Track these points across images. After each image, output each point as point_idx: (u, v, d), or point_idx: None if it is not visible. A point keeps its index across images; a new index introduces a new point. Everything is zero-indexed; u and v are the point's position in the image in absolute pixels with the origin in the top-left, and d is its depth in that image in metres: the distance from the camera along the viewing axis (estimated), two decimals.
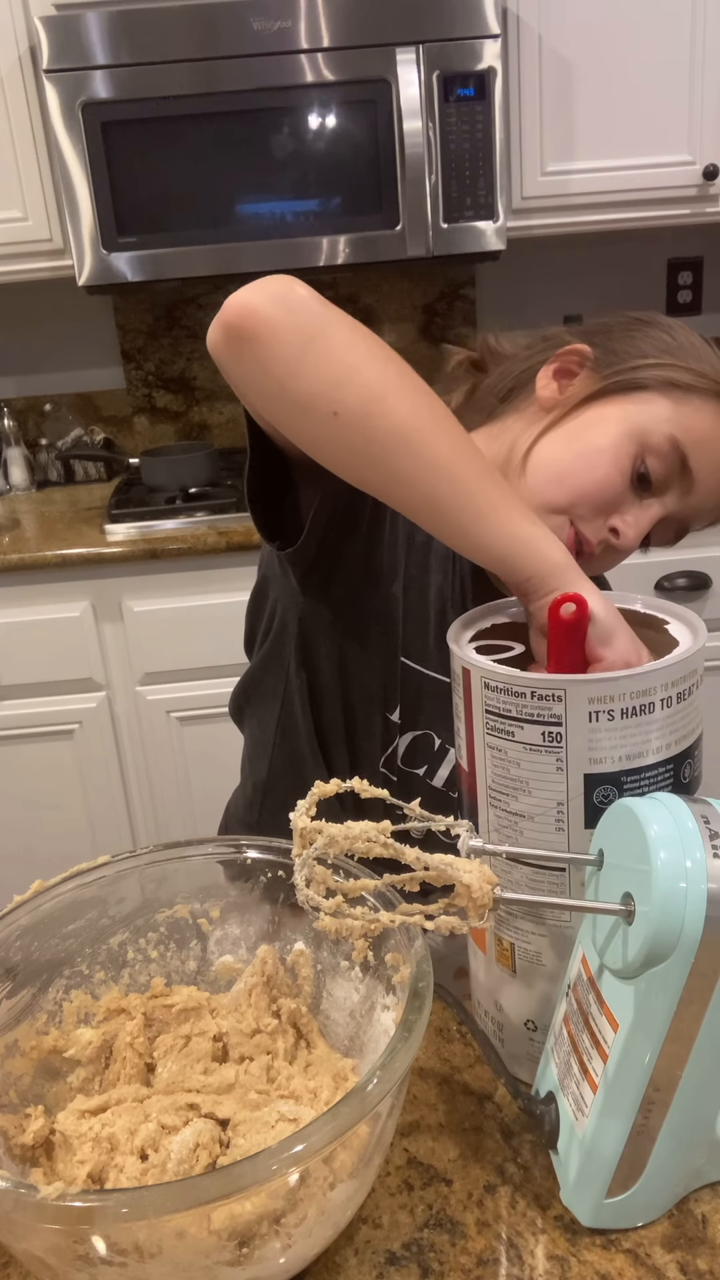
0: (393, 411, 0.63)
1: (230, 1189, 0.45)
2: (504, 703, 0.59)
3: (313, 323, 0.63)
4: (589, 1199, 0.57)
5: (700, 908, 0.49)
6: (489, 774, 0.62)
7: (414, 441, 0.63)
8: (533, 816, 0.60)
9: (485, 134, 1.94)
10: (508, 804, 0.62)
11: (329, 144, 1.95)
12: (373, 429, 0.63)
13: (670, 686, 0.58)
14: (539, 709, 0.58)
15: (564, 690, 0.57)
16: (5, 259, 2.05)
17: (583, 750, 0.58)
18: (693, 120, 2.04)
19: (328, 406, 0.63)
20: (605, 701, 0.57)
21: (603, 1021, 0.55)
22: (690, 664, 0.60)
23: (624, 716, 0.57)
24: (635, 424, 0.80)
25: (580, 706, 0.57)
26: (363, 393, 0.63)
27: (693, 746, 0.61)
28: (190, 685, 1.99)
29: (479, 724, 0.62)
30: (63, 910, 0.67)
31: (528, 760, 0.59)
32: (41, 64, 1.86)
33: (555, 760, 0.58)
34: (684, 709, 0.59)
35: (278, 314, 0.63)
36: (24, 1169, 0.59)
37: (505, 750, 0.60)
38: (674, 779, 0.60)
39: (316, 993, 0.70)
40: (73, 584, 1.94)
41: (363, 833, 0.55)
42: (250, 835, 0.70)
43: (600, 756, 0.58)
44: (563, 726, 0.58)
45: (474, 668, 0.61)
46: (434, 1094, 0.68)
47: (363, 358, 0.63)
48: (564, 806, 0.59)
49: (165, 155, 1.94)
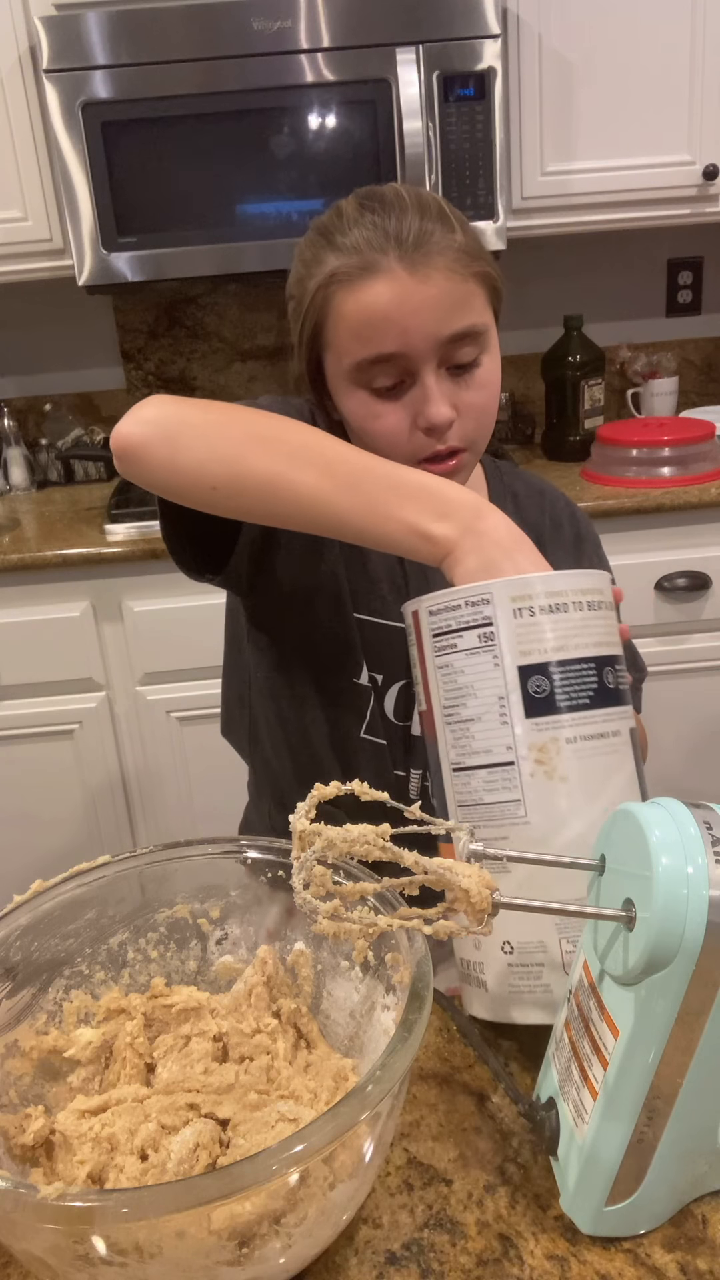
0: (254, 471, 0.75)
1: (230, 1189, 0.45)
2: (444, 621, 0.69)
3: (169, 428, 0.77)
4: (589, 1207, 0.57)
5: (702, 914, 0.49)
6: (441, 693, 0.70)
7: (281, 488, 0.75)
8: (479, 718, 0.68)
9: (485, 134, 1.94)
10: (458, 713, 0.69)
11: (329, 144, 1.95)
12: (245, 491, 0.76)
13: (580, 594, 0.68)
14: (472, 614, 0.68)
15: (490, 592, 0.67)
16: (5, 259, 2.05)
17: (513, 644, 0.67)
18: (693, 120, 2.04)
19: (207, 484, 0.77)
20: (525, 600, 0.67)
21: (603, 1028, 0.55)
22: (595, 579, 0.70)
23: (544, 613, 0.67)
24: (344, 371, 0.87)
25: (505, 605, 0.67)
26: (225, 466, 0.76)
27: (614, 657, 0.70)
28: (190, 685, 1.99)
29: (429, 651, 0.70)
30: (63, 910, 0.68)
31: (470, 665, 0.68)
32: (41, 64, 1.86)
33: (492, 658, 0.67)
34: (597, 618, 0.69)
35: (142, 431, 0.78)
36: (24, 1169, 0.59)
37: (451, 663, 0.69)
38: (598, 680, 0.68)
39: (316, 993, 0.70)
40: (73, 584, 1.94)
41: (361, 836, 0.55)
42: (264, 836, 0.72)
43: (529, 649, 0.67)
44: (494, 625, 0.67)
45: (419, 605, 0.70)
46: (434, 1094, 0.68)
47: (216, 437, 0.77)
48: (505, 700, 0.67)
49: (165, 155, 1.94)
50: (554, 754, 0.66)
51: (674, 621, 2.02)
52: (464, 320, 0.85)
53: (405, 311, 0.83)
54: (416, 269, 0.82)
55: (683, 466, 2.00)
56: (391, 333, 0.83)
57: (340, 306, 0.85)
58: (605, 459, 2.07)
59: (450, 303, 0.84)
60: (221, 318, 2.44)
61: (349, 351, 0.86)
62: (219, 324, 2.44)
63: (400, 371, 0.86)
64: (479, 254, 0.86)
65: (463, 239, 0.85)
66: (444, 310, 0.83)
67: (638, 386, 2.47)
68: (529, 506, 1.05)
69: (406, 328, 0.83)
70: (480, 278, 0.86)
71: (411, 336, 0.83)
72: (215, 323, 2.44)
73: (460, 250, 0.84)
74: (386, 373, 0.86)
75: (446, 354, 0.86)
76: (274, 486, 0.75)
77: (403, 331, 0.83)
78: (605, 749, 0.67)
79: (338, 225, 0.86)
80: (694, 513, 1.96)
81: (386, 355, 0.85)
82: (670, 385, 2.42)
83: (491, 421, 0.92)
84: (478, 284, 0.86)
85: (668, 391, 2.42)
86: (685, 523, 1.98)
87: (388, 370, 0.85)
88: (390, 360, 0.85)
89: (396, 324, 0.83)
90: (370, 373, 0.86)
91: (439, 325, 0.84)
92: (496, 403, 0.91)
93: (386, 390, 0.87)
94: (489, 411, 0.90)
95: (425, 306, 0.83)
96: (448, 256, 0.83)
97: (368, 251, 0.83)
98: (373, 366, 0.85)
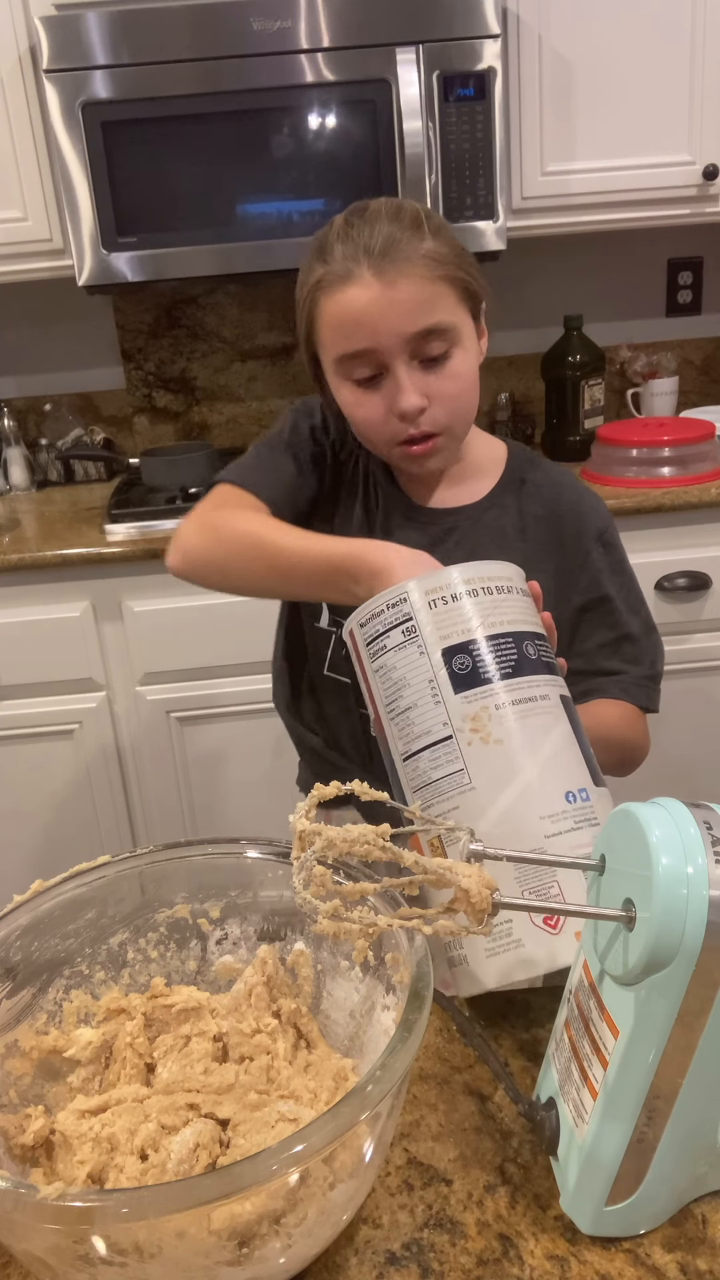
0: (245, 582, 1.03)
1: (230, 1189, 0.45)
2: (373, 628, 0.77)
3: (195, 566, 1.05)
4: (588, 1206, 0.57)
5: (702, 914, 0.49)
6: (382, 693, 0.76)
7: (261, 590, 1.04)
8: (415, 704, 0.73)
9: (485, 134, 1.94)
10: (397, 705, 0.75)
11: (329, 144, 1.95)
12: (243, 591, 1.05)
13: (488, 580, 0.76)
14: (394, 614, 0.75)
15: (406, 591, 0.75)
16: (5, 259, 2.05)
17: (433, 631, 0.74)
18: (693, 120, 2.04)
19: (221, 589, 1.08)
20: (438, 590, 0.75)
21: (603, 1028, 0.55)
22: (502, 569, 0.78)
23: (456, 600, 0.75)
24: (331, 364, 1.00)
25: (421, 598, 0.75)
26: (228, 582, 1.05)
27: (533, 634, 0.76)
28: (190, 685, 1.99)
29: (366, 660, 0.77)
30: (63, 910, 0.68)
31: (400, 660, 0.75)
32: (41, 64, 1.86)
33: (417, 648, 0.74)
34: (509, 600, 0.76)
35: (177, 566, 1.08)
36: (24, 1169, 0.59)
37: (384, 663, 0.76)
38: (518, 652, 0.74)
39: (316, 993, 0.70)
40: (73, 584, 1.94)
41: (361, 836, 0.55)
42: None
43: (448, 633, 0.74)
44: (414, 619, 0.74)
45: (351, 622, 0.78)
46: (434, 1094, 0.68)
47: (222, 568, 1.03)
48: (434, 682, 0.73)
49: (165, 155, 1.94)
50: (486, 721, 0.71)
51: (674, 621, 2.02)
52: (430, 318, 0.95)
53: (374, 313, 0.94)
54: (384, 274, 0.94)
55: (683, 466, 2.00)
56: (364, 331, 0.95)
57: (324, 309, 0.98)
58: (605, 459, 2.07)
59: (415, 303, 0.94)
60: (221, 318, 2.44)
61: (332, 347, 0.99)
62: (219, 324, 2.44)
63: (376, 365, 0.97)
64: (448, 259, 0.96)
65: (432, 245, 0.95)
66: (409, 310, 0.94)
67: (638, 386, 2.47)
68: (533, 496, 1.10)
69: (376, 327, 0.95)
70: (449, 280, 0.96)
71: (381, 335, 0.95)
72: (215, 323, 2.44)
73: (427, 256, 0.94)
74: (364, 366, 0.98)
75: (416, 348, 0.96)
76: (256, 589, 1.04)
77: (374, 331, 0.95)
78: (536, 710, 0.72)
79: (326, 239, 0.98)
80: (694, 513, 1.96)
81: (362, 351, 0.97)
82: (670, 385, 2.42)
83: (466, 409, 1.02)
84: (446, 285, 0.96)
85: (668, 391, 2.42)
86: (685, 523, 1.98)
87: (365, 363, 0.98)
88: (365, 355, 0.97)
89: (368, 324, 0.95)
90: (350, 366, 0.98)
91: (405, 323, 0.95)
92: (471, 393, 1.02)
93: (366, 381, 0.99)
94: (461, 399, 1.01)
95: (392, 308, 0.94)
96: (414, 262, 0.94)
97: (345, 262, 0.95)
98: (351, 360, 0.98)
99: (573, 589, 1.07)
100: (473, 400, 1.03)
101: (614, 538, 1.11)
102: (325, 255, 0.97)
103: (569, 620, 1.07)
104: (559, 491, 1.11)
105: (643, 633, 1.09)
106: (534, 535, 1.08)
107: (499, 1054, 0.71)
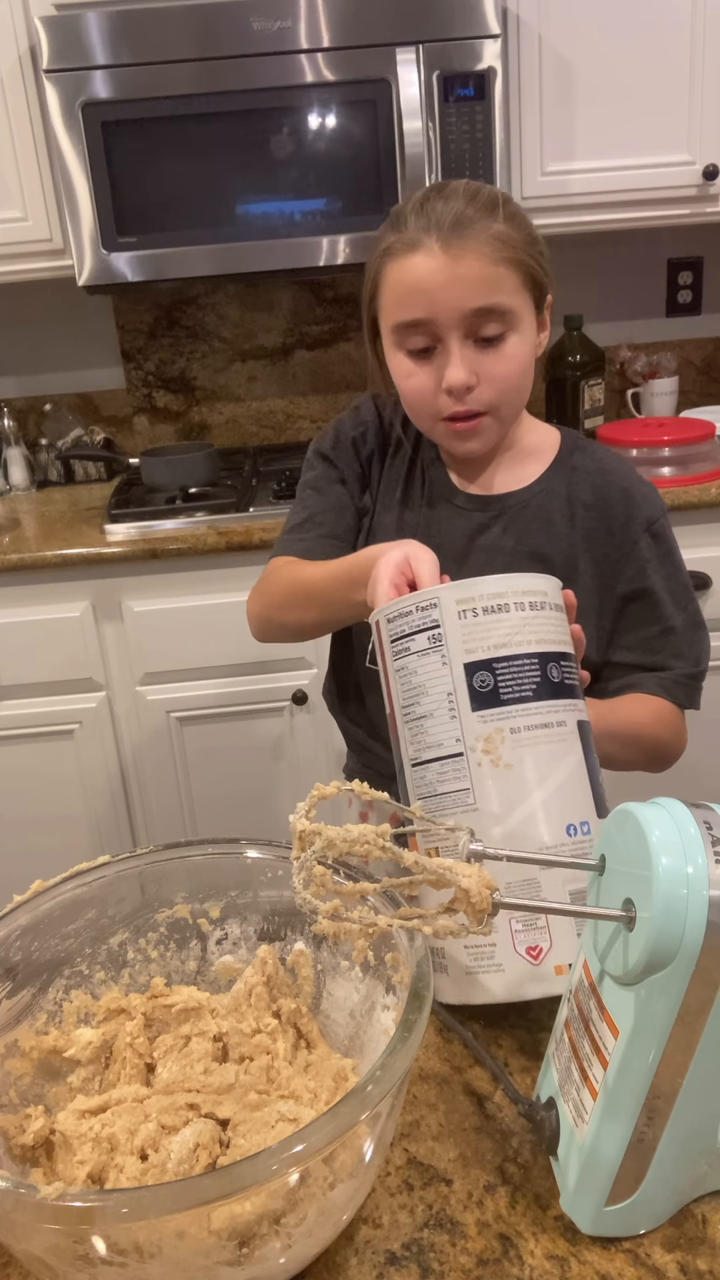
0: (290, 615, 1.11)
1: (230, 1189, 0.45)
2: (399, 627, 0.75)
3: (267, 613, 1.14)
4: (589, 1206, 0.57)
5: (702, 914, 0.49)
6: (400, 696, 0.75)
7: (305, 628, 1.12)
8: (431, 714, 0.73)
9: (485, 134, 1.93)
10: (413, 711, 0.74)
11: (329, 144, 1.95)
12: (298, 634, 1.14)
13: (521, 594, 0.74)
14: (422, 618, 0.74)
15: (437, 597, 0.74)
16: (5, 259, 2.05)
17: (459, 643, 0.72)
18: (693, 120, 2.04)
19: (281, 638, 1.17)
20: (469, 602, 0.73)
21: (603, 1028, 0.55)
22: (539, 582, 0.76)
23: (486, 614, 0.73)
24: (388, 332, 1.02)
25: (451, 607, 0.73)
26: (285, 632, 1.14)
27: (558, 655, 0.74)
28: (190, 685, 1.99)
29: (389, 656, 0.76)
30: (63, 910, 0.68)
31: (422, 666, 0.74)
32: (41, 64, 1.86)
33: (440, 657, 0.73)
34: (539, 617, 0.74)
35: (256, 633, 1.18)
36: (24, 1169, 0.59)
37: (405, 665, 0.75)
38: (541, 674, 0.73)
39: (316, 993, 0.70)
40: (73, 584, 1.94)
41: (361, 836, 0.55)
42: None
43: (473, 647, 0.72)
44: (441, 627, 0.73)
45: (379, 614, 0.77)
46: (434, 1094, 0.68)
47: (277, 619, 1.13)
48: (453, 696, 0.72)
49: (165, 155, 1.94)
50: (499, 744, 0.70)
51: None
52: (489, 298, 0.96)
53: (435, 284, 0.96)
54: (450, 248, 0.95)
55: (683, 466, 2.00)
56: (423, 301, 0.97)
57: (389, 275, 1.00)
58: None
59: (477, 280, 0.95)
60: (221, 318, 2.44)
61: (391, 314, 1.01)
62: (219, 324, 2.44)
63: (431, 337, 0.99)
64: (517, 243, 0.97)
65: (503, 228, 0.96)
66: (469, 286, 0.95)
67: (638, 386, 2.47)
68: (583, 483, 1.09)
69: (435, 299, 0.96)
70: (514, 264, 0.97)
71: (439, 307, 0.96)
72: (215, 323, 2.44)
73: (496, 237, 0.96)
74: (419, 336, 0.99)
75: (472, 325, 0.97)
76: (309, 625, 1.11)
77: (432, 301, 0.96)
78: (550, 738, 0.72)
79: (403, 210, 1.00)
80: (694, 513, 1.96)
81: (418, 320, 0.98)
82: (670, 385, 2.42)
83: (514, 394, 1.02)
84: (510, 269, 0.97)
85: (668, 391, 2.42)
86: (685, 523, 1.97)
87: (420, 334, 0.99)
88: (421, 325, 0.98)
89: (427, 294, 0.96)
90: (406, 335, 1.00)
91: (464, 298, 0.96)
92: (523, 379, 1.02)
93: (419, 353, 1.00)
94: (510, 382, 1.01)
95: (454, 281, 0.95)
96: (481, 240, 0.95)
97: (415, 231, 0.97)
98: (408, 329, 0.99)
99: (617, 578, 1.06)
100: (523, 386, 1.03)
101: (664, 529, 1.09)
102: (399, 225, 0.99)
103: (613, 609, 1.06)
104: (610, 479, 1.09)
105: (687, 628, 1.08)
106: (582, 522, 1.07)
107: (496, 1056, 0.71)
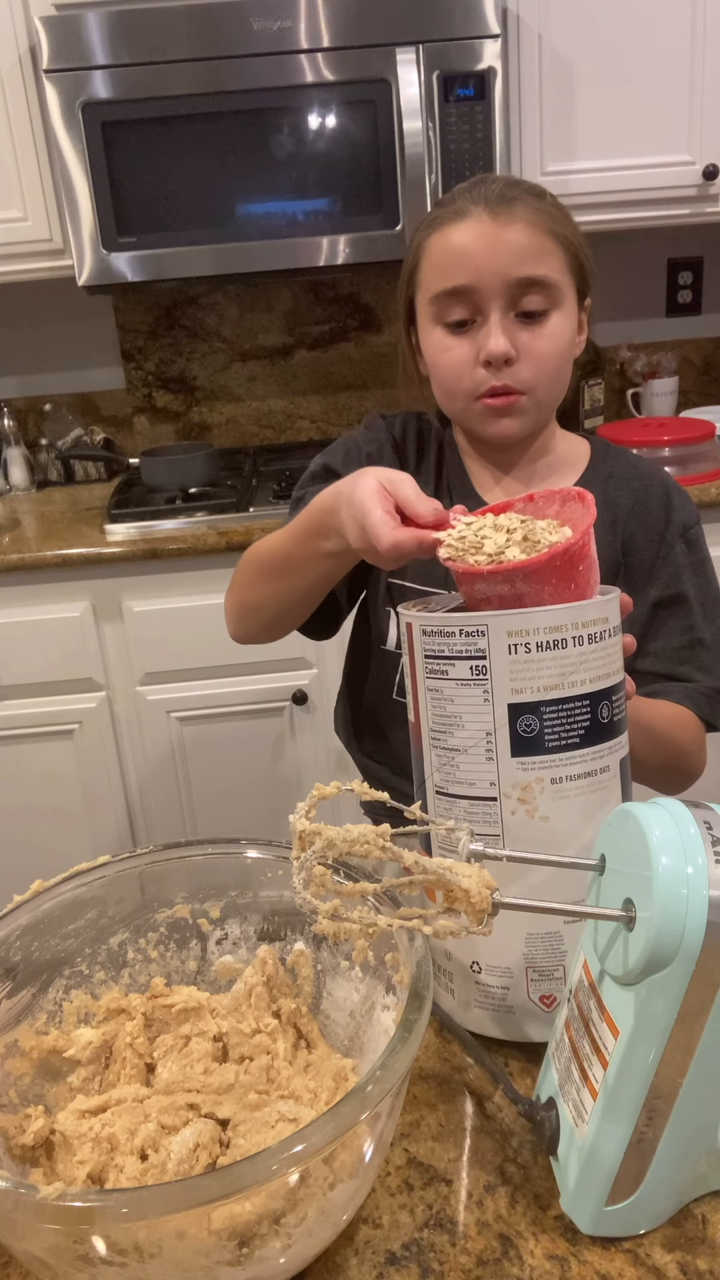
0: (261, 597, 1.05)
1: (230, 1189, 0.45)
2: (438, 644, 0.66)
3: (237, 601, 1.11)
4: (589, 1206, 0.57)
5: (702, 914, 0.49)
6: (429, 716, 0.68)
7: (275, 599, 1.04)
8: (465, 749, 0.66)
9: (485, 134, 1.93)
10: (445, 740, 0.67)
11: (329, 144, 1.95)
12: (266, 608, 1.07)
13: (581, 627, 0.64)
14: (466, 645, 0.65)
15: (486, 625, 0.64)
16: (5, 259, 2.05)
17: (505, 681, 0.64)
18: (693, 120, 2.04)
19: (259, 619, 1.10)
20: (522, 635, 0.64)
21: (603, 1028, 0.55)
22: (600, 608, 0.66)
23: (540, 650, 0.64)
24: (425, 305, 0.99)
25: (501, 639, 0.64)
26: (257, 611, 1.08)
27: (611, 690, 0.67)
28: (190, 685, 1.99)
29: (420, 670, 0.68)
30: (63, 910, 0.68)
31: (460, 695, 0.66)
32: (41, 64, 1.86)
33: (482, 692, 0.65)
34: (597, 650, 0.65)
35: (233, 628, 1.14)
36: (24, 1169, 0.59)
37: (441, 689, 0.67)
38: (591, 716, 0.65)
39: (316, 993, 0.70)
40: (73, 584, 1.94)
41: (361, 836, 0.55)
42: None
43: (521, 687, 0.64)
44: (487, 659, 0.64)
45: (414, 619, 0.69)
46: (434, 1094, 0.68)
47: (244, 605, 1.09)
48: (492, 737, 0.65)
49: (165, 155, 1.94)
50: (537, 794, 0.65)
51: None
52: (535, 268, 0.95)
53: (481, 249, 0.94)
54: (498, 215, 0.95)
55: (683, 466, 2.00)
56: (467, 266, 0.95)
57: (432, 245, 0.98)
58: None
59: (523, 247, 0.94)
60: (221, 318, 2.44)
61: (432, 284, 0.98)
62: (219, 324, 2.44)
63: (471, 308, 0.97)
64: (562, 221, 0.97)
65: (550, 208, 0.97)
66: (515, 254, 0.94)
67: (638, 386, 2.47)
68: (621, 488, 1.09)
69: (480, 265, 0.95)
70: (559, 238, 0.96)
71: (483, 273, 0.95)
72: (215, 323, 2.44)
73: (542, 211, 0.96)
74: (460, 306, 0.97)
75: (515, 297, 0.96)
76: (282, 602, 1.04)
77: (476, 267, 0.95)
78: (590, 787, 0.66)
79: (452, 190, 1.00)
80: None
81: (461, 288, 0.96)
82: (670, 385, 2.42)
83: (553, 375, 1.00)
84: (555, 243, 0.96)
85: (668, 391, 2.42)
86: None
87: (461, 303, 0.97)
88: (463, 294, 0.96)
89: (472, 259, 0.95)
90: (446, 305, 0.97)
91: (509, 267, 0.94)
92: (563, 360, 1.00)
93: (457, 326, 0.98)
94: (551, 361, 0.98)
95: (500, 246, 0.94)
96: (529, 209, 0.95)
97: (461, 203, 0.97)
98: (448, 299, 0.97)
99: (651, 582, 1.05)
100: (562, 371, 1.01)
101: (699, 536, 1.08)
102: (445, 201, 0.99)
103: (644, 616, 1.05)
104: (648, 483, 1.09)
105: (715, 641, 1.06)
106: (623, 527, 1.06)
107: (495, 1057, 0.71)
